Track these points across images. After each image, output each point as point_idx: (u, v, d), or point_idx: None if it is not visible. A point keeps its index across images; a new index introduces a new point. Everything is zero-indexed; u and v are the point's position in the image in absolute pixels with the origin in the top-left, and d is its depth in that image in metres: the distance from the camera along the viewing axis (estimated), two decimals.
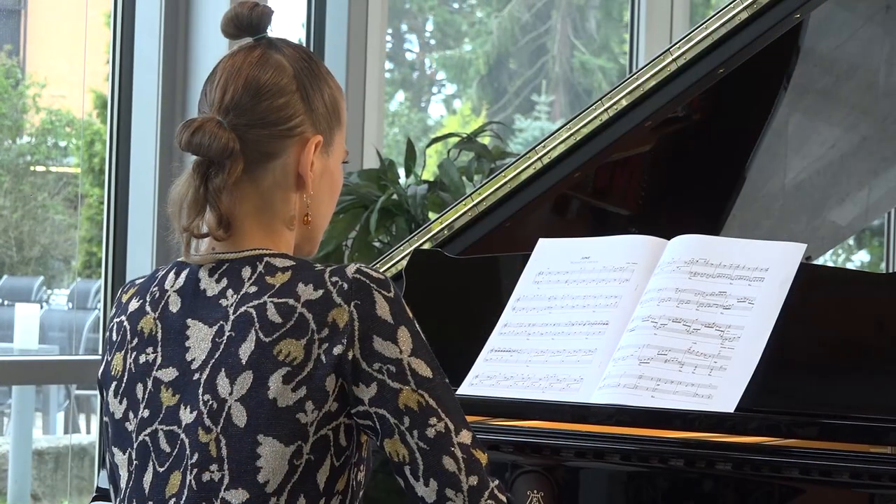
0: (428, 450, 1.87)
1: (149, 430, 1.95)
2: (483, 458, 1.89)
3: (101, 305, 4.94)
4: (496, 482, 1.90)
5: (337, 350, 1.88)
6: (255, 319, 1.90)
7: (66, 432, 5.87)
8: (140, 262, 4.72)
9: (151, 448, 1.95)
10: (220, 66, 2.01)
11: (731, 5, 2.87)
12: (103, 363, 2.04)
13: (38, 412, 5.76)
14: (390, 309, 1.90)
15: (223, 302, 1.94)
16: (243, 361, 1.90)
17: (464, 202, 2.99)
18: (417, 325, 1.93)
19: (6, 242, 5.36)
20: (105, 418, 2.04)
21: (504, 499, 1.89)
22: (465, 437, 1.89)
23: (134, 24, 4.79)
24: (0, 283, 5.52)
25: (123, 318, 2.02)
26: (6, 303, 5.52)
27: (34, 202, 5.47)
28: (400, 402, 1.87)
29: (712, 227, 3.37)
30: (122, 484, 1.99)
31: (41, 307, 5.61)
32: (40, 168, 5.58)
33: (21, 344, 5.28)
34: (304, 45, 5.34)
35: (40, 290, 5.70)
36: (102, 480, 2.59)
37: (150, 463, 1.95)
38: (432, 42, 10.39)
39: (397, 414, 1.87)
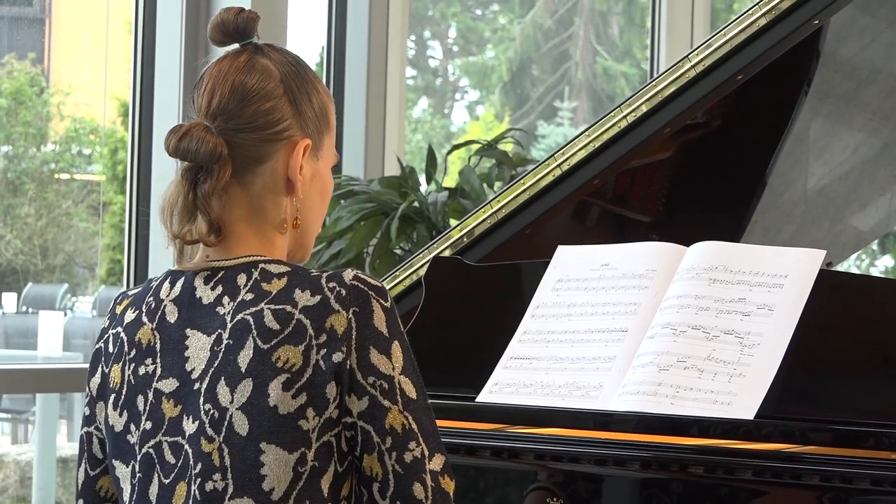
0: (402, 474, 1.87)
1: (153, 442, 1.94)
2: (451, 486, 1.90)
3: None
4: None
5: (336, 357, 1.87)
6: (253, 326, 1.89)
7: None
8: (162, 270, 4.72)
9: (156, 460, 1.94)
10: (207, 72, 2.00)
11: (750, 11, 2.87)
12: (98, 374, 2.03)
13: (62, 419, 5.77)
14: (386, 320, 1.90)
15: (220, 310, 1.93)
16: (242, 369, 1.89)
17: (483, 209, 2.98)
18: (407, 340, 1.92)
19: (31, 250, 5.38)
20: (87, 428, 2.04)
21: None
22: (437, 463, 1.89)
23: (155, 31, 4.80)
24: (24, 291, 5.53)
25: (119, 329, 2.01)
26: (30, 310, 5.53)
27: (58, 210, 5.48)
28: (387, 421, 1.87)
29: (733, 233, 3.36)
30: (126, 497, 1.97)
31: (65, 315, 5.62)
32: (64, 176, 5.60)
33: (45, 352, 5.29)
34: (326, 52, 5.34)
35: (64, 298, 5.72)
36: None
37: (156, 475, 1.94)
38: (455, 49, 10.39)
39: (381, 433, 1.88)
